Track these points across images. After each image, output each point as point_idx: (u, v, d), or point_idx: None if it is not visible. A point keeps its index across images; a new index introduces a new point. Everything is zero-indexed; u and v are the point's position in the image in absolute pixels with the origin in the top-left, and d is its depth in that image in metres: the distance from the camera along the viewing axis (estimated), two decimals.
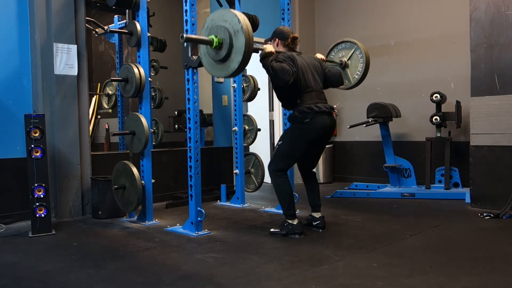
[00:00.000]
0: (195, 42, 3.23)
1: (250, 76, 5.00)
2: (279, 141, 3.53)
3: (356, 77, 3.93)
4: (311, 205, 3.65)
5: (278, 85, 3.31)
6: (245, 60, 2.72)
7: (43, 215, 3.49)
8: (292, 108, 3.44)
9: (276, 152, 3.49)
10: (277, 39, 3.57)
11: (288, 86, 3.23)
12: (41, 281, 2.50)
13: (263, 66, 3.30)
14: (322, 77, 3.55)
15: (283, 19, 4.41)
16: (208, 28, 2.87)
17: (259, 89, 5.04)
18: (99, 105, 5.40)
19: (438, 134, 5.26)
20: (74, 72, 4.17)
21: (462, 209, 4.33)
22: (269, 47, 3.32)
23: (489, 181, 4.24)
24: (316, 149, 3.55)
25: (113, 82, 5.19)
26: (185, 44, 3.42)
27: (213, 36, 2.80)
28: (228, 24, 2.74)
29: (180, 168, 4.80)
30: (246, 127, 4.97)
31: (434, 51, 5.67)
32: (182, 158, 4.09)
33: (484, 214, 3.98)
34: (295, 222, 3.38)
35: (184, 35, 2.79)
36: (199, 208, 3.48)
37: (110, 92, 5.25)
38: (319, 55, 3.72)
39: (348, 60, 3.96)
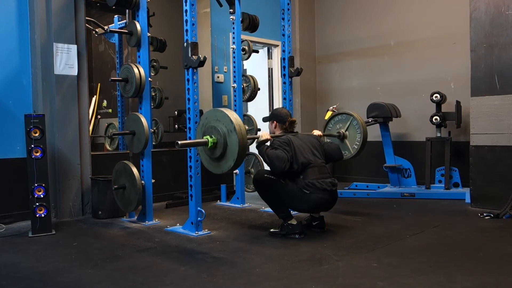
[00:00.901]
0: (191, 146, 3.33)
1: (250, 76, 5.00)
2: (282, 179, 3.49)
3: (356, 147, 4.10)
4: None
5: (275, 171, 3.33)
6: (240, 158, 2.82)
7: (43, 215, 3.49)
8: (296, 180, 3.39)
9: (274, 182, 3.40)
10: (275, 122, 3.67)
11: (285, 171, 3.26)
12: (41, 281, 2.50)
13: (259, 153, 3.39)
14: (322, 153, 3.56)
15: (283, 19, 4.41)
16: (203, 126, 2.97)
17: (259, 89, 5.04)
18: (99, 105, 5.40)
19: (438, 134, 5.26)
20: (74, 72, 4.17)
21: (462, 209, 4.33)
22: (265, 135, 3.42)
23: (489, 181, 4.24)
24: (306, 212, 3.59)
25: (115, 124, 5.22)
26: (185, 44, 3.43)
27: (208, 137, 2.90)
28: (222, 124, 2.85)
29: (180, 168, 4.80)
30: (246, 127, 4.97)
31: (434, 51, 5.66)
32: (182, 158, 4.09)
33: (484, 214, 3.98)
34: (295, 222, 3.38)
35: (179, 142, 2.85)
36: (199, 208, 3.48)
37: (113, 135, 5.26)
38: (316, 132, 3.81)
39: (345, 131, 4.11)
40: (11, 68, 4.01)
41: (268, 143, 3.40)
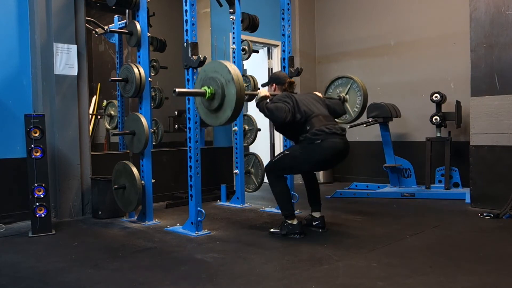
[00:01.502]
0: (188, 95, 3.31)
1: (250, 76, 5.00)
2: (286, 150, 3.50)
3: (356, 110, 4.02)
4: (311, 205, 3.65)
5: (277, 124, 3.31)
6: (237, 109, 2.81)
7: (43, 215, 3.49)
8: (304, 135, 3.30)
9: (280, 159, 3.42)
10: (274, 84, 3.61)
11: (289, 123, 3.21)
12: (41, 281, 2.50)
13: (260, 110, 3.34)
14: (325, 106, 3.50)
15: (283, 19, 4.41)
16: (202, 80, 2.96)
17: (259, 89, 5.04)
18: (99, 105, 5.40)
19: (438, 134, 5.26)
20: (74, 72, 4.17)
21: (462, 209, 4.33)
22: (264, 91, 3.38)
23: (489, 181, 4.24)
24: (324, 168, 3.49)
25: (115, 103, 5.20)
26: (185, 44, 3.43)
27: (205, 88, 2.89)
28: (220, 75, 2.84)
29: (180, 168, 4.80)
30: (246, 127, 4.97)
31: (434, 51, 5.66)
32: (182, 158, 4.09)
33: (484, 214, 3.98)
34: (295, 222, 3.38)
35: (177, 90, 2.84)
36: (199, 208, 3.48)
37: (112, 112, 5.24)
38: (317, 94, 3.75)
39: (346, 95, 4.04)
40: (11, 68, 4.01)
41: (267, 100, 3.34)
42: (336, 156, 3.32)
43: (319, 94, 3.73)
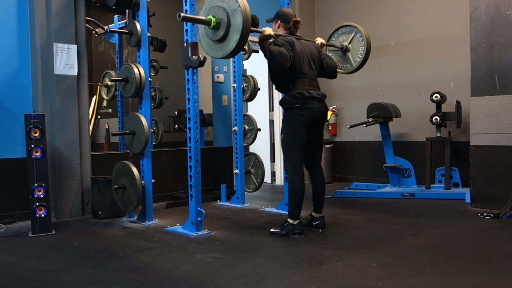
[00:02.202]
0: (192, 22, 3.21)
1: (250, 76, 5.00)
2: (280, 135, 3.56)
3: (358, 60, 3.93)
4: (314, 205, 3.63)
5: (275, 69, 3.34)
6: (243, 38, 2.73)
7: (43, 215, 3.49)
8: (284, 92, 3.49)
9: (283, 146, 3.52)
10: (279, 21, 3.56)
11: (284, 70, 3.26)
12: (41, 281, 2.50)
13: (261, 49, 3.32)
14: (319, 65, 3.56)
15: None
16: (207, 10, 2.89)
17: (259, 89, 5.04)
18: (99, 105, 5.40)
19: (438, 134, 5.26)
20: (74, 72, 4.17)
21: (462, 209, 4.33)
22: (268, 30, 3.34)
23: (489, 181, 4.24)
24: (313, 135, 3.49)
25: (111, 73, 5.19)
26: (185, 44, 3.42)
27: (210, 16, 2.82)
28: (226, 4, 2.76)
29: (180, 168, 4.80)
30: (246, 127, 4.97)
31: (434, 51, 5.66)
32: (182, 158, 4.09)
33: (484, 214, 3.98)
34: (295, 222, 3.38)
35: (182, 14, 2.80)
36: (199, 208, 3.48)
37: (109, 83, 5.23)
38: (319, 40, 3.74)
39: (349, 44, 3.95)
40: (11, 68, 4.01)
41: (271, 40, 3.33)
42: (317, 117, 3.42)
43: (322, 41, 3.76)
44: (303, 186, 3.41)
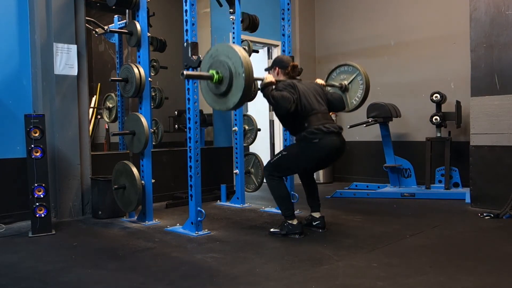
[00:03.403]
0: (196, 79, 3.25)
1: None
2: (283, 150, 3.52)
3: (355, 102, 3.95)
4: (310, 206, 3.65)
5: (281, 113, 3.31)
6: (245, 97, 2.75)
7: (43, 215, 3.49)
8: (301, 132, 3.35)
9: (277, 160, 3.44)
10: (277, 68, 3.59)
11: (290, 113, 3.23)
12: (41, 281, 2.50)
13: (264, 96, 3.32)
14: (325, 100, 3.53)
15: (283, 19, 4.41)
16: (212, 57, 2.90)
17: (259, 89, 5.03)
18: (99, 105, 5.40)
19: (438, 134, 5.26)
20: (74, 72, 4.17)
21: (462, 209, 4.33)
22: (269, 77, 3.34)
23: (489, 181, 4.24)
24: (321, 166, 3.53)
25: (113, 96, 5.21)
26: (185, 44, 3.43)
27: (213, 72, 2.83)
28: (231, 63, 2.76)
29: (180, 168, 4.80)
30: (246, 127, 4.97)
31: (434, 51, 5.66)
32: (182, 158, 4.09)
33: (484, 214, 3.98)
34: (295, 222, 3.38)
35: (185, 72, 2.81)
36: (199, 208, 3.48)
37: (110, 105, 5.24)
38: (319, 81, 3.75)
39: (348, 84, 3.99)
40: (11, 68, 4.01)
41: (273, 86, 3.33)
42: (333, 154, 3.38)
43: (322, 81, 3.73)
44: (285, 188, 3.45)
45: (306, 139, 3.29)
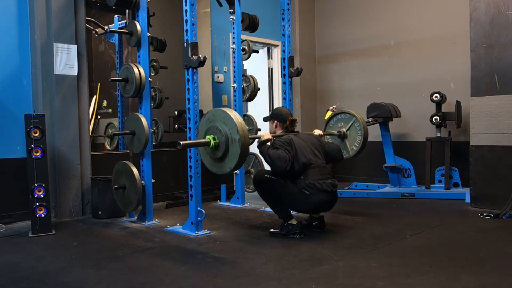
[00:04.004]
0: (193, 147, 3.34)
1: (250, 76, 5.00)
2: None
3: (355, 148, 4.09)
4: None
5: (276, 171, 3.33)
6: (240, 163, 2.86)
7: (43, 215, 3.49)
8: (298, 183, 3.36)
9: (273, 181, 3.40)
10: (275, 121, 3.65)
11: (286, 171, 3.26)
12: (41, 281, 2.50)
13: (261, 153, 3.40)
14: (323, 153, 3.55)
15: (283, 19, 4.41)
16: (209, 122, 2.98)
17: (259, 89, 5.04)
18: (99, 105, 5.40)
19: (438, 134, 5.26)
20: (74, 72, 4.17)
21: (462, 209, 4.33)
22: (266, 135, 3.43)
23: (489, 181, 4.24)
24: (305, 212, 3.58)
25: (115, 124, 5.23)
26: (185, 44, 3.43)
27: (210, 138, 2.92)
28: (227, 129, 2.86)
29: (180, 168, 4.80)
30: (246, 127, 4.96)
31: (434, 51, 5.66)
32: (182, 158, 4.09)
33: (484, 214, 3.98)
34: (295, 222, 3.38)
35: (181, 143, 2.87)
36: (199, 208, 3.48)
37: (112, 135, 5.25)
38: (317, 131, 3.80)
39: (347, 131, 4.09)
40: (11, 68, 4.01)
41: (269, 143, 3.40)
42: (320, 208, 3.45)
43: (320, 132, 3.79)
44: (276, 193, 3.42)
45: (300, 187, 3.32)
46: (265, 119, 3.80)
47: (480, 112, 4.27)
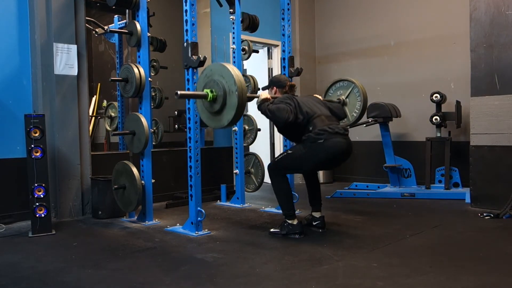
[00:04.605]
0: (190, 98, 3.32)
1: (250, 76, 5.00)
2: (289, 150, 3.48)
3: (355, 115, 4.05)
4: (312, 205, 3.65)
5: (280, 125, 3.31)
6: (238, 115, 2.86)
7: (43, 215, 3.49)
8: (307, 134, 3.29)
9: (283, 158, 3.41)
10: (274, 88, 3.62)
11: (291, 123, 3.21)
12: (41, 281, 2.50)
13: (261, 112, 3.36)
14: (326, 108, 3.50)
15: (283, 19, 4.41)
16: (207, 77, 2.99)
17: (259, 89, 5.04)
18: (99, 105, 5.40)
19: (438, 134, 5.26)
20: (74, 72, 4.17)
21: (462, 209, 4.33)
22: (265, 94, 3.41)
23: (489, 181, 4.24)
24: (326, 167, 3.49)
25: (115, 104, 5.21)
26: (185, 44, 3.43)
27: (208, 91, 2.92)
28: (225, 81, 2.87)
29: (180, 168, 4.80)
30: (246, 127, 4.97)
31: (434, 51, 5.66)
32: (182, 158, 4.09)
33: (484, 214, 3.98)
34: (295, 222, 3.38)
35: (179, 92, 2.89)
36: (199, 208, 3.48)
37: (113, 114, 5.24)
38: (317, 96, 3.76)
39: (346, 98, 4.06)
40: (11, 68, 4.01)
41: (268, 102, 3.35)
42: (339, 156, 3.32)
43: (319, 97, 3.73)
44: (288, 187, 3.45)
45: (311, 139, 3.25)
46: (264, 88, 3.75)
47: (480, 112, 4.27)
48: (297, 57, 6.45)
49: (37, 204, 3.47)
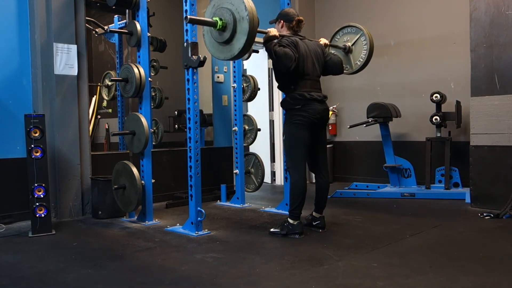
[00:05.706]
0: (199, 24, 3.19)
1: (250, 76, 5.00)
2: (283, 135, 3.58)
3: (359, 63, 3.91)
4: (315, 205, 3.63)
5: (280, 70, 3.32)
6: (250, 42, 2.74)
7: (43, 215, 3.49)
8: (286, 92, 3.50)
9: (285, 146, 3.53)
10: (282, 21, 3.57)
11: (290, 71, 3.27)
12: (40, 281, 2.50)
13: (266, 50, 3.33)
14: (322, 65, 3.58)
15: None
16: (215, 7, 2.89)
17: (259, 89, 5.04)
18: (99, 105, 5.40)
19: (438, 134, 5.26)
20: (74, 72, 4.17)
21: (462, 209, 4.33)
22: (273, 31, 3.35)
23: (489, 181, 4.24)
24: (314, 136, 3.47)
25: (112, 73, 5.20)
26: (185, 44, 3.42)
27: (217, 18, 2.81)
28: (234, 8, 2.76)
29: (180, 168, 4.80)
30: (246, 127, 4.97)
31: (434, 51, 5.66)
32: (182, 158, 4.09)
33: (484, 214, 3.98)
34: (295, 222, 3.38)
35: (188, 16, 2.83)
36: (199, 208, 3.48)
37: (109, 83, 5.23)
38: (323, 40, 3.76)
39: (352, 45, 3.93)
40: (11, 68, 4.01)
41: (275, 41, 3.33)
42: (316, 120, 3.42)
43: (326, 41, 3.76)
44: (305, 186, 3.40)
45: (289, 105, 3.40)
46: (271, 22, 3.72)
47: (480, 112, 4.27)
48: None
49: (37, 204, 3.47)
